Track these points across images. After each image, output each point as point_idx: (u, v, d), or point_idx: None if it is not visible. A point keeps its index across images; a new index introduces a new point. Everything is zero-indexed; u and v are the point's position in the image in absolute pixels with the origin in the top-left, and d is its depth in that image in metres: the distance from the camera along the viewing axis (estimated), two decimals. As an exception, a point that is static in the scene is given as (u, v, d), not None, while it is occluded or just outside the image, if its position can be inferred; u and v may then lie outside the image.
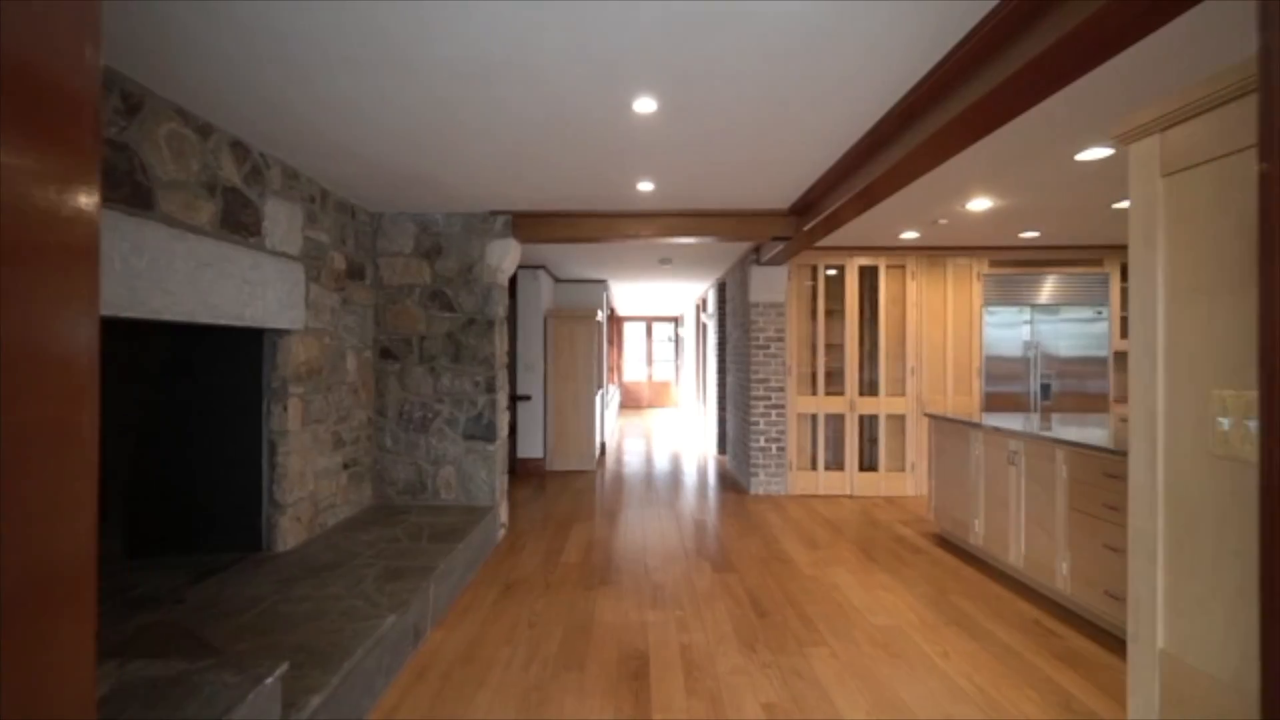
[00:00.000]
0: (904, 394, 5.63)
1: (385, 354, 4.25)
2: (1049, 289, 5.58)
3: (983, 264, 5.59)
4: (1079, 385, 5.57)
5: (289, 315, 3.17)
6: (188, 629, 2.25)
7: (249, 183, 2.88)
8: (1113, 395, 5.57)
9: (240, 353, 3.16)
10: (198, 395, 3.13)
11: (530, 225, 4.32)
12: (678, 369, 15.01)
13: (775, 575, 3.59)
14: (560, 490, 5.91)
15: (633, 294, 10.02)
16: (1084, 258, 5.57)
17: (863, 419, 5.68)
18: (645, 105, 2.45)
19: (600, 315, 7.49)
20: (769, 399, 5.57)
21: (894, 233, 4.96)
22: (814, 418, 5.67)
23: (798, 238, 4.28)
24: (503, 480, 4.40)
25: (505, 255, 4.26)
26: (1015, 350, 5.61)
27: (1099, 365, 5.56)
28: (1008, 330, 5.61)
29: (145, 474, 3.10)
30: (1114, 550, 2.73)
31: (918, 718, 2.19)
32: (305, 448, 3.35)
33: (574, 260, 6.47)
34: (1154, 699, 1.38)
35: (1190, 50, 2.02)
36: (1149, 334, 1.33)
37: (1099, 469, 2.83)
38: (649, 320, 15.34)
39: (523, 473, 6.72)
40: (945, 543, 4.21)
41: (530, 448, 6.81)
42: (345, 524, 3.69)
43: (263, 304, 2.94)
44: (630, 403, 15.16)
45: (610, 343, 11.76)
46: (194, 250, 2.49)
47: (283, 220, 3.14)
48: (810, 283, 5.70)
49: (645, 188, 3.66)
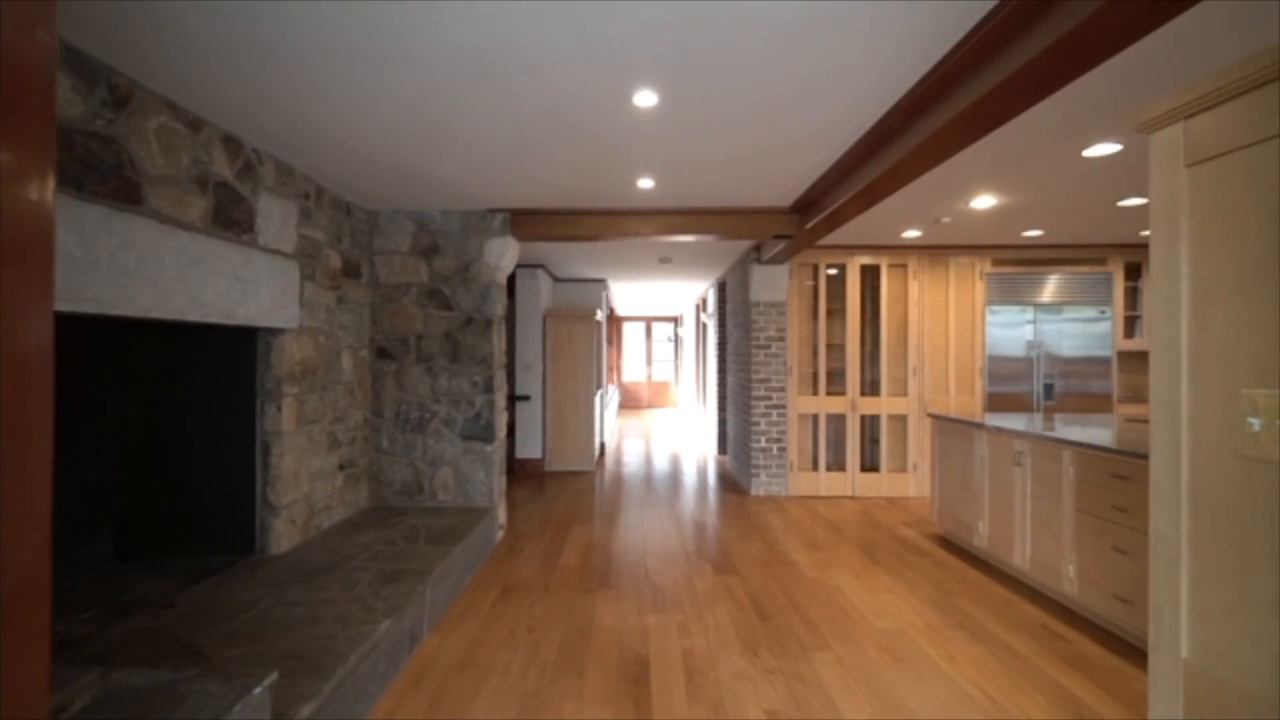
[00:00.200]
0: (906, 394, 5.58)
1: (382, 353, 4.20)
2: (1052, 288, 5.54)
3: (985, 263, 5.54)
4: (1082, 385, 5.53)
5: (283, 314, 3.11)
6: (177, 635, 2.20)
7: (241, 178, 2.83)
8: (1116, 395, 5.53)
9: (233, 352, 3.10)
10: (190, 395, 3.07)
11: (529, 223, 4.26)
12: (677, 369, 14.96)
13: (777, 577, 3.54)
14: (559, 491, 5.86)
15: (632, 294, 9.97)
16: (1087, 256, 5.52)
17: (864, 419, 5.63)
18: (646, 99, 2.40)
19: (599, 315, 7.43)
20: (770, 399, 5.52)
21: (896, 231, 4.92)
22: (815, 418, 5.62)
23: (799, 236, 4.22)
24: (501, 481, 4.35)
25: (504, 253, 4.20)
26: (1018, 350, 5.56)
27: (1102, 365, 5.52)
28: (1010, 330, 5.56)
29: (136, 475, 3.04)
30: (1122, 553, 2.68)
31: (925, 725, 2.14)
32: (300, 449, 3.29)
33: (573, 259, 6.42)
34: (1177, 711, 1.33)
35: (1207, 41, 1.98)
36: (1172, 331, 1.28)
37: (1107, 470, 2.78)
38: (648, 320, 15.29)
39: (521, 473, 6.67)
40: (948, 544, 4.16)
41: (529, 448, 6.76)
42: (341, 526, 3.63)
43: (256, 302, 2.88)
44: (629, 403, 15.11)
45: (609, 343, 11.70)
46: (185, 247, 2.43)
47: (276, 217, 3.09)
48: (811, 282, 5.65)
49: (645, 185, 3.60)
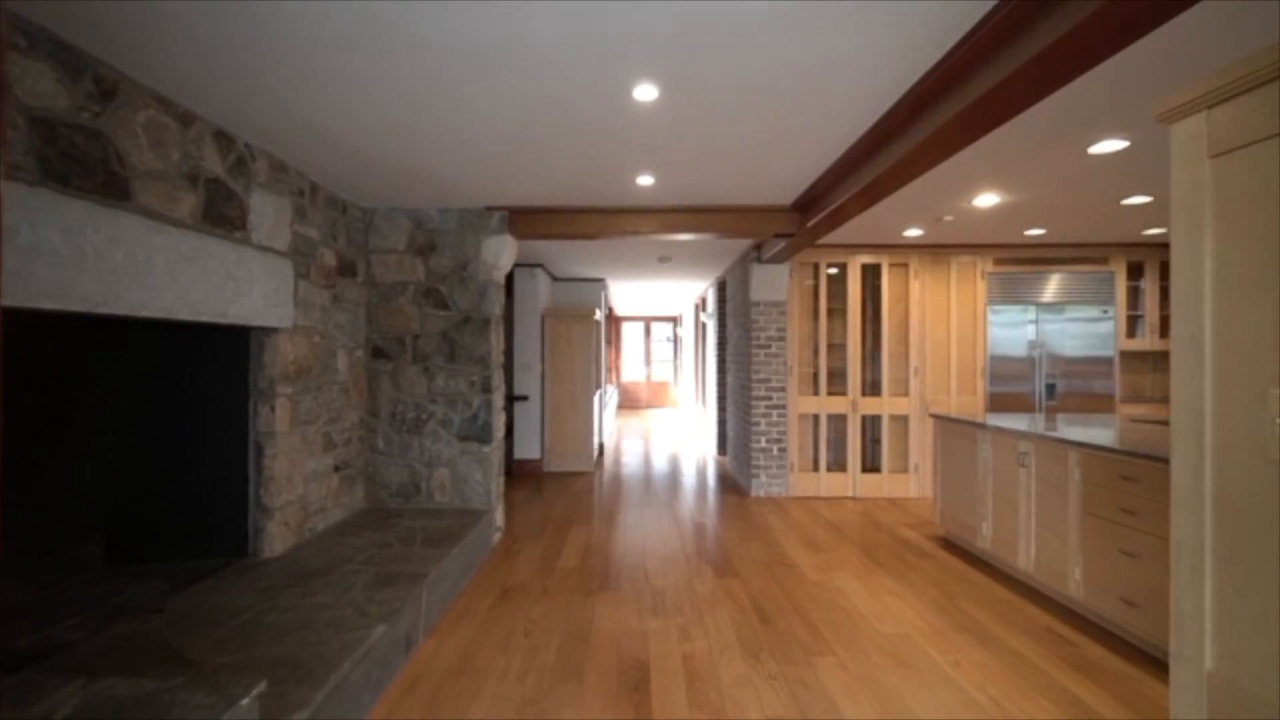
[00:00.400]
0: (907, 394, 5.54)
1: (378, 353, 4.14)
2: (1054, 288, 5.50)
3: (987, 262, 5.50)
4: (1085, 385, 5.49)
5: (276, 313, 3.06)
6: (166, 641, 2.15)
7: (233, 174, 2.77)
8: (1119, 395, 5.49)
9: (226, 351, 3.05)
10: (182, 395, 3.02)
11: (527, 221, 4.21)
12: (676, 369, 14.91)
13: (778, 580, 3.49)
14: (558, 492, 5.81)
15: (631, 293, 9.92)
16: (1090, 256, 5.48)
17: (865, 419, 5.58)
18: (646, 93, 2.35)
19: (598, 314, 7.38)
20: (770, 399, 5.48)
21: (898, 230, 4.87)
22: (816, 418, 5.58)
23: (800, 234, 4.18)
24: (499, 482, 4.30)
25: (501, 252, 4.15)
26: (1020, 350, 5.52)
27: (1105, 365, 5.48)
28: (1012, 330, 5.52)
29: (127, 477, 2.98)
30: (1130, 555, 2.64)
31: (931, 732, 2.10)
32: (294, 450, 3.24)
33: (572, 258, 6.37)
34: (1199, 723, 1.29)
35: (1224, 31, 1.93)
36: (1195, 328, 1.23)
37: (1114, 471, 2.74)
38: (647, 320, 15.24)
39: (520, 474, 6.62)
40: (951, 546, 4.12)
41: (527, 449, 6.71)
42: (336, 528, 3.58)
43: (248, 301, 2.83)
44: (628, 403, 15.06)
45: (608, 342, 11.65)
46: (174, 244, 2.38)
47: (270, 214, 3.03)
48: (812, 281, 5.61)
49: (645, 182, 3.56)
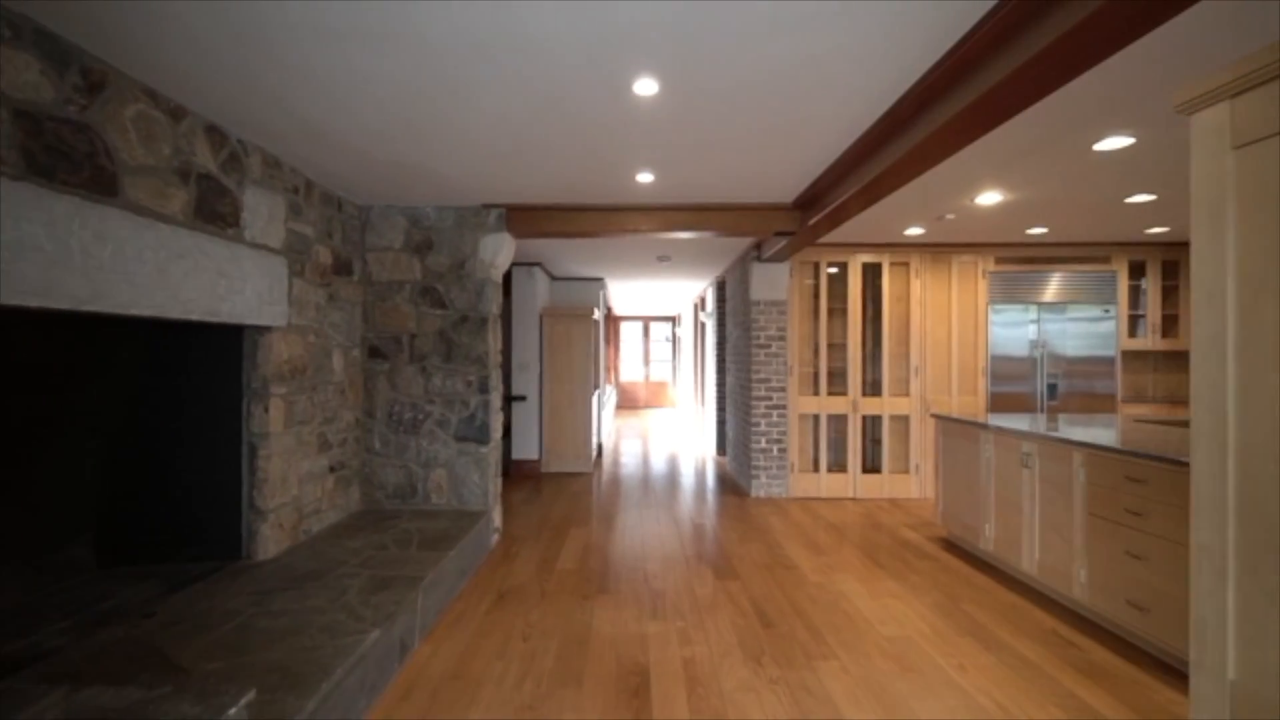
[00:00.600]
0: (908, 394, 5.50)
1: (374, 353, 4.09)
2: (1056, 287, 5.46)
3: (988, 261, 5.46)
4: (1086, 385, 5.45)
5: (270, 311, 3.01)
6: (155, 647, 2.10)
7: (226, 170, 2.73)
8: (1120, 396, 5.46)
9: (219, 351, 3.00)
10: (174, 395, 2.97)
11: (525, 219, 4.17)
12: (675, 369, 14.87)
13: (780, 582, 3.45)
14: (556, 493, 5.76)
15: (630, 293, 9.87)
16: (1092, 255, 5.45)
17: (866, 419, 5.54)
18: (646, 87, 2.30)
19: (597, 314, 7.34)
20: (770, 399, 5.44)
21: (899, 229, 4.83)
22: (816, 418, 5.54)
23: (801, 233, 4.14)
24: (496, 483, 4.25)
25: (499, 250, 4.11)
26: (1021, 350, 5.49)
27: (1106, 365, 5.45)
28: (1013, 329, 5.49)
29: (118, 478, 2.93)
30: (1137, 558, 2.60)
31: (937, 739, 2.06)
32: (288, 451, 3.19)
33: (570, 257, 6.33)
34: (1220, 734, 1.24)
35: (1233, 26, 1.89)
36: (1217, 325, 1.19)
37: (1120, 472, 2.70)
38: (646, 320, 15.20)
39: (518, 475, 6.57)
40: (953, 547, 4.08)
41: (525, 449, 6.66)
42: (331, 530, 3.53)
43: (241, 299, 2.78)
44: (627, 403, 15.01)
45: (607, 342, 11.60)
46: (165, 240, 2.33)
47: (263, 211, 2.99)
48: (812, 280, 5.57)
49: (645, 179, 3.51)
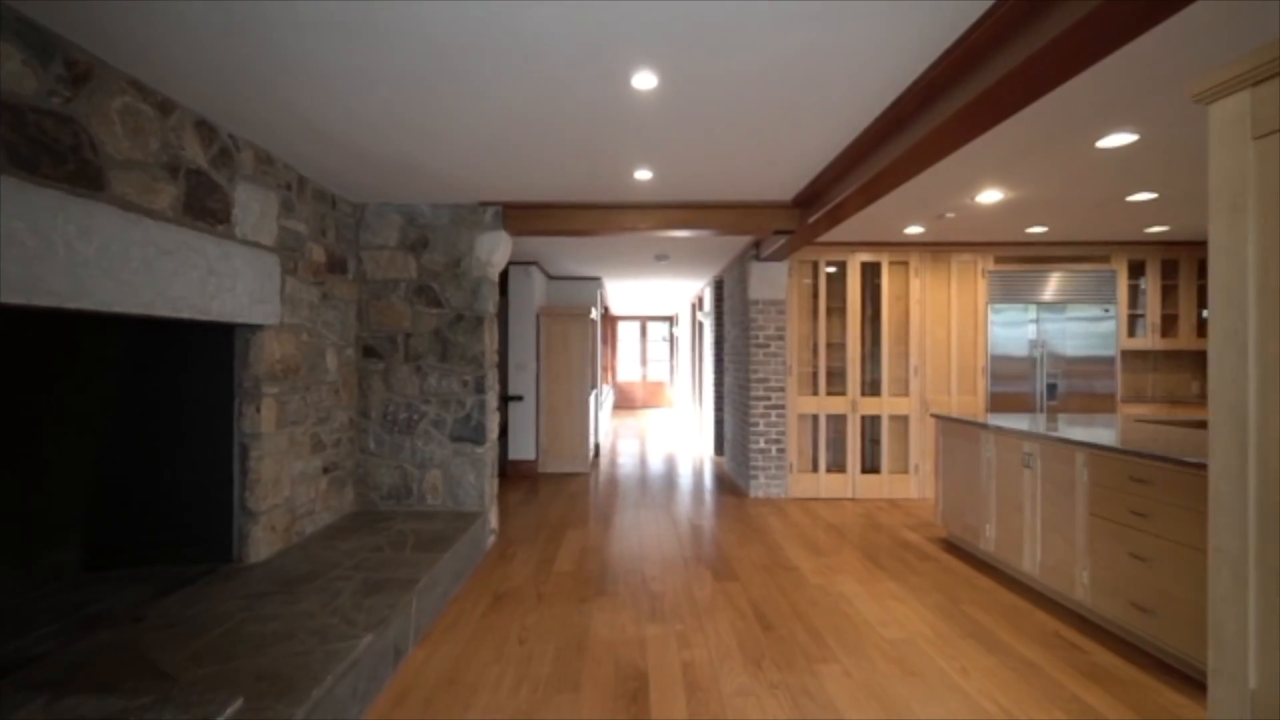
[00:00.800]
0: (907, 394, 5.47)
1: (368, 352, 4.04)
2: (1055, 286, 5.44)
3: (988, 260, 5.44)
4: (1086, 385, 5.43)
5: (262, 309, 2.96)
6: (142, 652, 2.05)
7: (216, 166, 2.67)
8: (1120, 395, 5.44)
9: (209, 350, 2.94)
10: (163, 395, 2.91)
11: (522, 217, 4.12)
12: (672, 369, 14.83)
13: (779, 584, 3.41)
14: (553, 494, 5.72)
15: (627, 292, 9.83)
16: (1091, 254, 5.43)
17: (865, 419, 5.51)
18: (645, 81, 2.26)
19: (594, 313, 7.29)
20: (769, 399, 5.40)
21: (898, 227, 4.80)
22: (815, 418, 5.50)
23: (800, 231, 4.10)
24: (493, 484, 4.20)
25: (495, 249, 4.06)
26: (1021, 349, 5.46)
27: (1106, 365, 5.42)
28: (1013, 329, 5.46)
29: (106, 480, 2.88)
30: (1140, 559, 2.57)
31: (942, 745, 2.02)
32: (281, 451, 3.14)
33: (567, 256, 6.28)
34: (1239, 743, 1.20)
35: (1238, 21, 1.86)
36: (1236, 321, 1.15)
37: (1124, 473, 2.67)
38: (643, 320, 15.15)
39: (514, 475, 6.52)
40: (954, 548, 4.05)
41: (522, 449, 6.62)
42: (324, 532, 3.48)
43: (232, 297, 2.73)
44: (624, 403, 14.96)
45: (604, 342, 11.56)
46: (152, 237, 2.28)
47: (255, 208, 2.93)
48: (811, 280, 5.53)
49: (643, 176, 3.47)
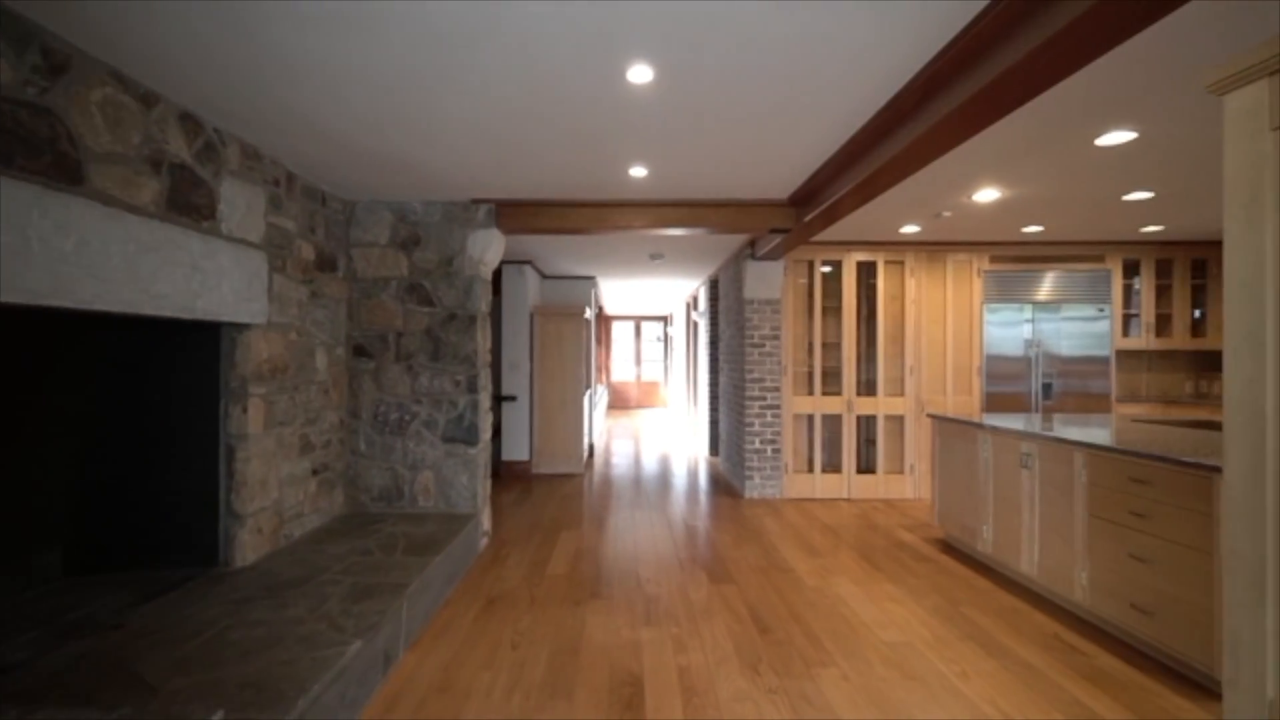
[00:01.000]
0: (903, 394, 5.45)
1: (359, 351, 3.98)
2: (1050, 286, 5.43)
3: (983, 260, 5.42)
4: (1081, 385, 5.43)
5: (249, 308, 2.89)
6: (122, 661, 1.99)
7: (201, 160, 2.61)
8: (1115, 395, 5.44)
9: (194, 349, 2.88)
10: (148, 395, 2.85)
11: (515, 215, 4.07)
12: (667, 369, 14.79)
13: (776, 586, 3.38)
14: (547, 495, 5.66)
15: (621, 291, 9.78)
16: (1086, 254, 5.42)
17: (860, 419, 5.49)
18: (641, 74, 2.22)
19: (588, 313, 7.25)
20: (764, 399, 5.36)
21: (895, 226, 4.78)
22: (810, 418, 5.47)
23: (796, 230, 4.07)
24: (485, 485, 4.15)
25: (488, 247, 4.00)
26: (1016, 349, 5.45)
27: (1101, 365, 5.42)
28: (1008, 329, 5.45)
29: (89, 482, 2.81)
30: (1141, 560, 2.55)
31: (943, 751, 1.99)
32: (268, 453, 3.08)
33: (561, 255, 6.23)
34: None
35: (1241, 17, 1.84)
36: (1254, 320, 1.12)
37: (1124, 473, 2.65)
38: (637, 319, 15.11)
39: (508, 476, 6.46)
40: (951, 549, 4.03)
41: (516, 450, 6.56)
42: (313, 535, 3.41)
43: (218, 295, 2.66)
44: (618, 403, 14.91)
45: (598, 342, 11.51)
46: (134, 233, 2.22)
47: (241, 204, 2.87)
48: (806, 279, 5.50)
49: (638, 173, 3.42)
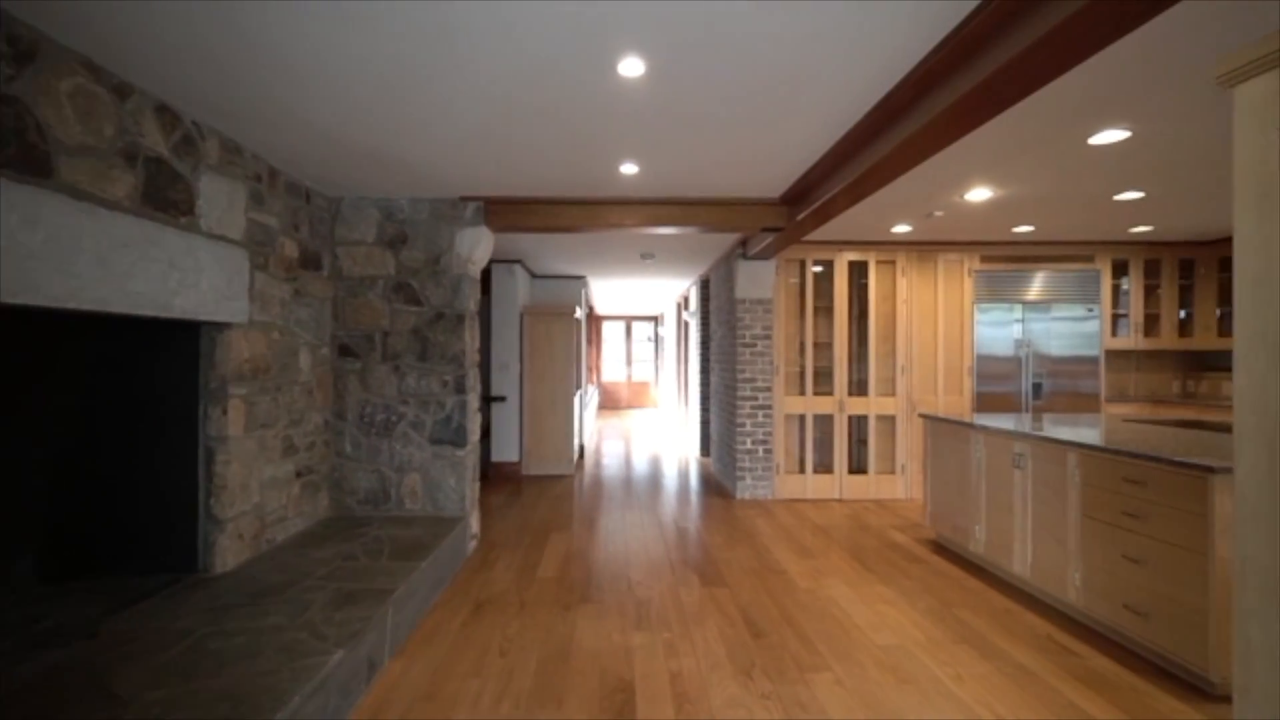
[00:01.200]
0: (894, 394, 5.44)
1: (344, 351, 3.90)
2: (1040, 286, 5.44)
3: (974, 260, 5.43)
4: (1071, 385, 5.44)
5: (229, 306, 2.81)
6: (94, 673, 1.91)
7: (179, 154, 2.53)
8: (1104, 395, 5.46)
9: (173, 348, 2.80)
10: (125, 397, 2.76)
11: (504, 213, 4.00)
12: (657, 369, 14.75)
13: (768, 588, 3.34)
14: (537, 496, 5.60)
15: (612, 291, 9.73)
16: (1076, 254, 5.44)
17: (852, 419, 5.47)
18: (632, 67, 2.17)
19: (579, 312, 7.18)
20: (755, 399, 5.33)
21: (886, 226, 4.77)
22: (802, 418, 5.44)
23: (789, 229, 4.04)
24: (474, 488, 4.08)
25: (477, 245, 3.94)
26: (1006, 349, 5.46)
27: (1090, 365, 5.44)
28: (999, 328, 5.46)
29: (64, 486, 2.72)
30: (1134, 561, 2.53)
31: (939, 757, 1.96)
32: (249, 455, 3.00)
33: (552, 254, 6.16)
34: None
35: (1245, 13, 1.82)
36: (1266, 320, 1.09)
37: (1118, 474, 2.63)
38: (628, 320, 15.06)
39: (497, 478, 6.39)
40: (943, 549, 4.01)
41: (505, 451, 6.49)
42: (297, 539, 3.33)
43: (196, 293, 2.59)
44: (609, 403, 14.85)
45: (589, 342, 11.44)
46: (108, 228, 2.14)
47: (221, 199, 2.79)
48: (797, 279, 5.48)
49: (629, 170, 3.38)
